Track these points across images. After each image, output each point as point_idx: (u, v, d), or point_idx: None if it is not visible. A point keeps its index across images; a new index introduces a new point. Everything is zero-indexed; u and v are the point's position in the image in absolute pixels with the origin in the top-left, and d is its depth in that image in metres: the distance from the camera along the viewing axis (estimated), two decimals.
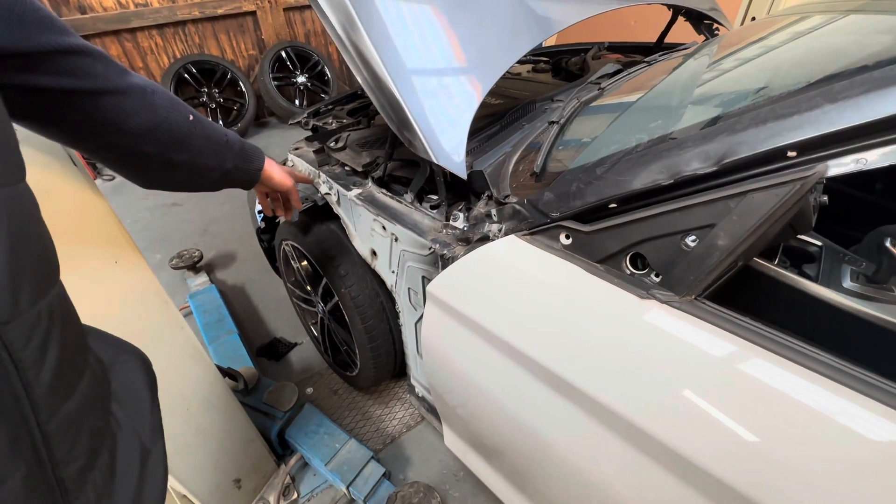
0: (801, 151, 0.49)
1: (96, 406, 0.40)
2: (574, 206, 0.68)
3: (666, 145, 0.61)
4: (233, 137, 0.77)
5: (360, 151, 1.34)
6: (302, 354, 1.97)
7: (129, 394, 0.48)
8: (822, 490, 0.46)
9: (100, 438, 0.39)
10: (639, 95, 0.96)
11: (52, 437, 0.32)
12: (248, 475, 1.37)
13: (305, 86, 4.24)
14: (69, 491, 0.34)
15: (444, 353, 0.93)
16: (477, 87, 1.02)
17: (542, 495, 0.90)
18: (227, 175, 0.76)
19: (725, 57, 0.92)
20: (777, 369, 0.51)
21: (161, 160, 0.65)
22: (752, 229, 0.52)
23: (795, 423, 0.49)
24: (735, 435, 0.51)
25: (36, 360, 0.30)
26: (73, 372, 0.36)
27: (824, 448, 0.47)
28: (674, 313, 0.58)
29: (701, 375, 0.55)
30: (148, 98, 0.60)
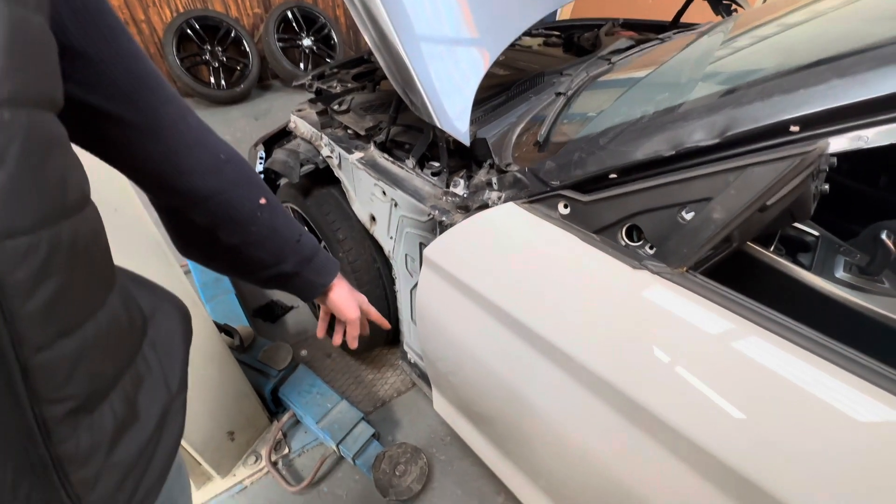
0: (804, 126, 0.49)
1: (109, 351, 0.37)
2: (575, 175, 0.69)
3: (670, 117, 0.61)
4: (307, 241, 0.64)
5: (363, 115, 1.32)
6: (297, 318, 1.99)
7: (165, 342, 0.46)
8: (800, 458, 0.48)
9: (107, 384, 0.37)
10: (649, 71, 0.95)
11: (34, 372, 0.30)
12: (242, 429, 1.41)
13: (311, 49, 4.14)
14: (52, 432, 0.32)
15: (438, 317, 0.94)
16: (485, 54, 1.01)
17: (526, 460, 0.93)
18: (283, 277, 0.64)
19: (739, 35, 0.90)
20: (763, 343, 0.52)
21: (208, 235, 0.55)
22: (748, 204, 0.53)
23: (778, 397, 0.50)
24: (720, 406, 0.52)
25: (25, 288, 0.28)
26: (79, 310, 0.33)
27: (804, 420, 0.49)
28: (665, 284, 0.59)
29: (688, 345, 0.57)
30: (216, 163, 0.51)
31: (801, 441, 0.49)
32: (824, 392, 0.48)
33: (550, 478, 0.84)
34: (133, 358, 0.41)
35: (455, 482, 1.42)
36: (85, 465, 0.34)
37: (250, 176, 0.56)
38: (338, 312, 0.73)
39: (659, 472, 0.60)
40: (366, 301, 0.77)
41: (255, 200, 0.55)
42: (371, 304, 0.79)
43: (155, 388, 0.43)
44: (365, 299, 0.77)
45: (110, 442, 0.37)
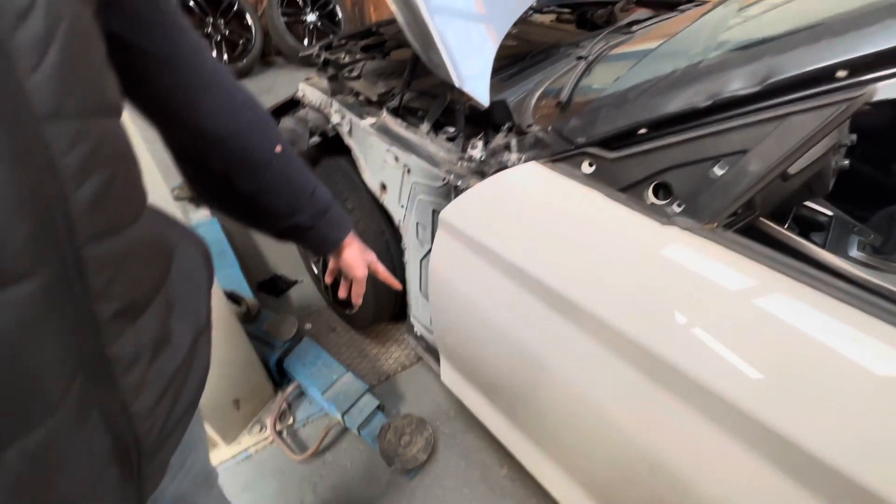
0: (852, 71, 0.48)
1: (147, 263, 0.38)
2: (602, 130, 0.67)
3: (706, 66, 0.59)
4: (322, 194, 0.64)
5: (375, 81, 1.30)
6: (301, 292, 1.98)
7: (191, 275, 0.47)
8: (833, 411, 0.48)
9: (146, 297, 0.38)
10: (673, 37, 0.92)
11: (86, 263, 0.30)
12: (247, 398, 1.41)
13: (315, 25, 4.06)
14: (101, 331, 0.32)
15: (453, 282, 0.93)
16: (505, 16, 0.98)
17: (539, 426, 0.93)
18: (297, 230, 0.64)
19: None
20: (801, 296, 0.51)
21: (224, 181, 0.55)
22: (788, 154, 0.51)
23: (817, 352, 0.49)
24: (754, 363, 0.51)
25: (77, 172, 0.29)
26: (120, 213, 0.34)
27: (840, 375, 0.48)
28: (695, 240, 0.58)
29: (722, 301, 0.56)
30: (233, 105, 0.51)
31: (838, 397, 0.48)
32: (867, 347, 0.47)
33: (566, 443, 0.84)
34: (164, 281, 0.41)
35: (459, 454, 1.42)
36: (130, 371, 0.35)
37: (266, 122, 0.55)
38: (347, 269, 0.74)
39: (683, 431, 0.59)
40: (375, 259, 0.78)
41: (270, 147, 0.55)
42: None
43: (185, 316, 0.43)
44: (374, 257, 0.77)
45: (150, 355, 0.37)
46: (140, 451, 0.37)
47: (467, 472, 1.38)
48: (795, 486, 0.50)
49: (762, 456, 0.52)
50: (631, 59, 1.00)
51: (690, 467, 0.59)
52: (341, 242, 0.69)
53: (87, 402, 0.32)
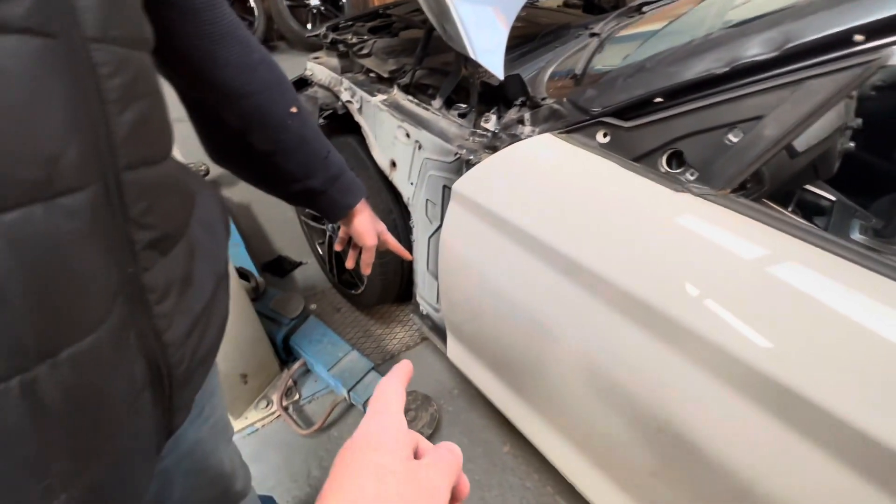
0: (869, 35, 0.49)
1: (175, 201, 0.40)
2: (619, 99, 0.68)
3: (726, 33, 0.60)
4: (335, 159, 0.64)
5: (386, 59, 1.30)
6: (306, 273, 1.99)
7: (210, 223, 0.48)
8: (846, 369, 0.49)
9: (175, 231, 0.39)
10: (686, 13, 0.93)
11: (126, 188, 0.31)
12: (255, 373, 1.43)
13: (319, 9, 4.03)
14: (138, 257, 0.34)
15: (464, 255, 0.94)
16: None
17: (547, 399, 0.95)
18: (310, 194, 0.64)
19: None
20: (812, 261, 0.53)
21: (239, 140, 0.55)
22: (805, 117, 0.53)
23: (833, 314, 0.51)
24: (765, 325, 0.53)
25: (120, 98, 0.30)
26: (154, 145, 0.35)
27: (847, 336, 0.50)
28: (708, 206, 0.60)
29: (733, 265, 0.57)
30: (250, 61, 0.51)
31: (849, 357, 0.50)
32: (880, 312, 0.49)
33: (575, 413, 0.86)
34: (188, 223, 0.42)
35: (462, 432, 1.45)
36: (163, 302, 0.36)
37: (282, 80, 0.56)
38: (357, 237, 0.74)
39: (695, 393, 0.61)
40: (385, 230, 0.78)
41: (286, 106, 0.56)
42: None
43: (206, 261, 0.45)
44: (384, 227, 0.78)
45: (179, 291, 0.39)
46: (172, 380, 0.39)
47: (471, 448, 1.40)
48: (802, 439, 0.52)
49: (773, 413, 0.54)
50: (643, 38, 1.00)
51: (702, 429, 0.61)
52: (352, 209, 0.69)
53: (127, 323, 0.33)
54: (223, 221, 0.53)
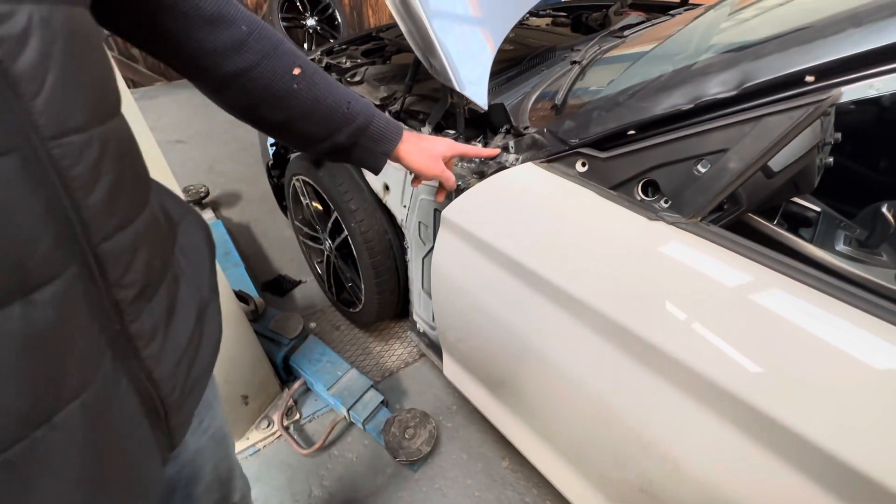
0: (818, 76, 0.52)
1: (155, 246, 0.41)
2: (594, 132, 0.71)
3: (689, 72, 0.63)
4: (358, 108, 0.60)
5: (377, 86, 1.34)
6: (305, 292, 2.02)
7: (193, 249, 0.49)
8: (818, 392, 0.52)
9: (157, 276, 0.41)
10: (661, 42, 0.97)
11: (104, 258, 0.33)
12: (255, 394, 1.45)
13: (315, 30, 4.11)
14: (124, 313, 0.36)
15: (455, 278, 0.97)
16: (502, 23, 1.03)
17: (539, 418, 0.97)
18: (340, 150, 0.61)
19: (752, 4, 0.93)
20: (776, 285, 0.56)
21: (249, 112, 0.55)
22: (764, 151, 0.56)
23: (791, 336, 0.54)
24: (744, 352, 0.55)
25: (86, 182, 0.31)
26: (128, 207, 0.37)
27: (821, 359, 0.52)
28: (680, 233, 0.63)
29: (705, 290, 0.60)
30: (237, 37, 0.49)
31: (819, 380, 0.52)
32: (840, 332, 0.52)
33: (565, 431, 0.88)
34: (170, 258, 0.45)
35: (461, 448, 1.46)
36: (150, 343, 0.39)
37: (277, 45, 0.52)
38: (419, 174, 0.72)
39: (675, 413, 0.63)
40: (446, 149, 0.72)
41: (287, 71, 0.53)
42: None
43: (190, 290, 0.46)
44: (444, 147, 0.72)
45: (165, 326, 0.41)
46: (166, 409, 0.42)
47: (470, 464, 1.42)
48: (780, 462, 0.54)
49: (745, 433, 0.56)
50: (623, 61, 1.04)
51: (681, 448, 0.63)
52: (389, 154, 0.66)
53: (118, 372, 0.36)
54: (206, 243, 0.54)
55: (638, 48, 1.08)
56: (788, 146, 0.93)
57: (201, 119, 3.35)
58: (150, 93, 3.76)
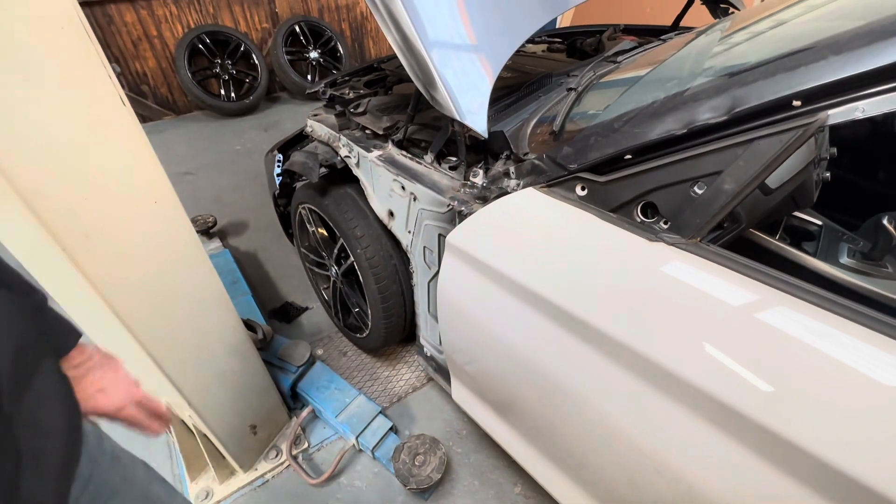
0: (805, 101, 0.54)
1: None
2: (592, 157, 0.74)
3: (681, 98, 0.66)
4: None
5: (380, 116, 1.38)
6: (312, 318, 2.03)
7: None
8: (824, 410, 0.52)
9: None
10: (654, 67, 1.00)
11: None
12: (263, 423, 1.45)
13: (318, 61, 4.25)
14: None
15: (460, 302, 0.98)
16: (499, 54, 1.07)
17: (550, 441, 0.96)
18: None
19: (741, 29, 0.96)
20: (778, 303, 0.56)
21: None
22: (757, 173, 0.57)
23: (797, 353, 0.54)
24: (749, 370, 0.56)
25: None
26: None
27: (825, 375, 0.53)
28: (680, 254, 0.64)
29: (706, 309, 0.61)
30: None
31: (824, 396, 0.52)
32: (843, 348, 0.52)
33: (576, 455, 0.87)
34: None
35: (472, 473, 1.44)
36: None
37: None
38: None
39: (682, 433, 0.63)
40: None
41: None
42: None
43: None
44: None
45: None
46: None
47: (482, 490, 1.39)
48: (793, 482, 0.54)
49: (755, 452, 0.56)
50: (617, 86, 1.08)
51: (694, 469, 0.63)
52: None
53: None
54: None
55: (632, 73, 1.12)
56: (783, 164, 0.94)
57: (209, 151, 3.43)
58: (159, 126, 3.87)
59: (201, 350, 1.13)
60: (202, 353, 1.13)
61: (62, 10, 0.69)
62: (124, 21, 3.49)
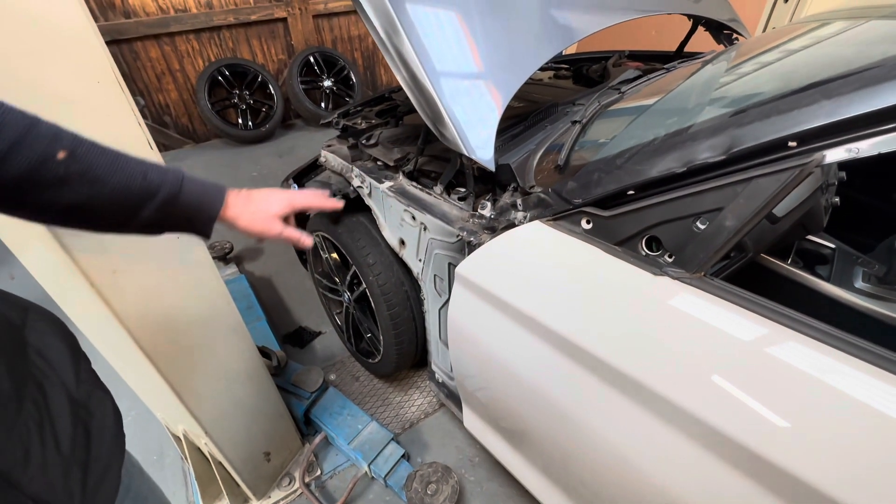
0: (800, 142, 0.56)
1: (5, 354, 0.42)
2: (595, 192, 0.76)
3: (680, 137, 0.68)
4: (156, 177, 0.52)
5: (391, 148, 1.43)
6: (325, 343, 2.06)
7: (49, 346, 0.49)
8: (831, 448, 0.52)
9: (13, 394, 0.41)
10: (656, 99, 1.03)
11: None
12: (277, 450, 1.46)
13: (331, 90, 4.39)
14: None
15: (470, 331, 1.00)
16: (505, 90, 1.11)
17: (560, 471, 0.96)
18: (154, 225, 0.54)
19: (740, 64, 0.99)
20: (780, 337, 0.57)
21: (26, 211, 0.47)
22: (757, 211, 0.59)
23: (799, 388, 0.54)
24: (759, 406, 0.56)
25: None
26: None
27: (828, 411, 0.53)
28: (685, 288, 0.65)
29: (710, 344, 0.61)
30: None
31: (831, 432, 0.52)
32: (846, 383, 0.52)
33: (590, 490, 0.87)
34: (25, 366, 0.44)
35: (485, 502, 1.42)
36: (27, 468, 0.39)
37: (30, 131, 0.44)
38: (255, 236, 0.65)
39: (702, 472, 0.63)
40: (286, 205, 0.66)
41: (51, 157, 0.44)
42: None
43: (56, 388, 0.46)
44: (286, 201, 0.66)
45: (41, 442, 0.41)
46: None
47: None
48: None
49: (767, 490, 0.56)
50: (621, 116, 1.10)
51: (693, 495, 0.63)
52: (214, 219, 0.58)
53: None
54: (60, 335, 0.52)
55: (635, 103, 1.14)
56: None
57: (226, 177, 3.55)
58: (180, 154, 4.02)
59: (218, 379, 1.16)
60: (219, 381, 1.16)
61: (98, 65, 0.74)
62: (149, 56, 3.67)
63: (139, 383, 1.15)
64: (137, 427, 1.67)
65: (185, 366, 1.03)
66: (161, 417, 1.29)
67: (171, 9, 3.61)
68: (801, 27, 1.18)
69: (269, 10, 3.99)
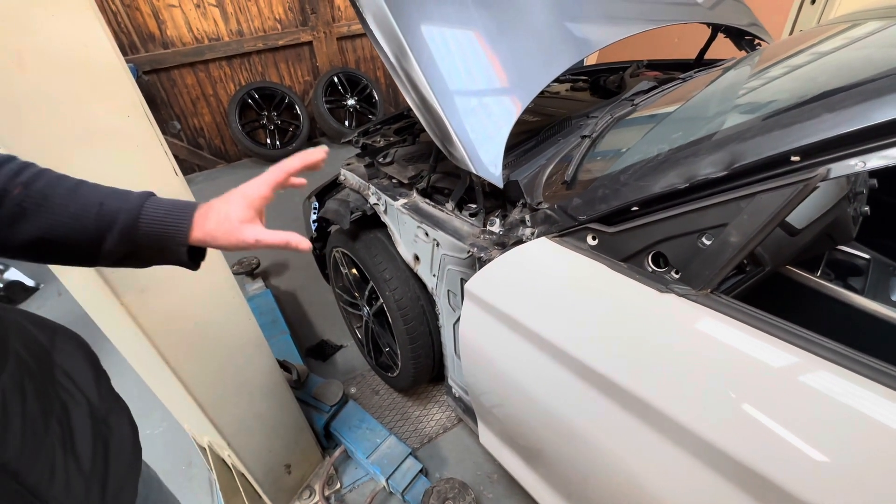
0: (803, 156, 0.54)
1: (28, 391, 0.44)
2: (600, 209, 0.75)
3: (682, 153, 0.67)
4: (113, 205, 0.49)
5: (406, 165, 1.46)
6: (346, 356, 2.09)
7: (74, 367, 0.52)
8: (835, 469, 0.50)
9: (40, 416, 0.43)
10: (666, 112, 1.02)
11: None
12: (298, 463, 1.49)
13: (355, 108, 4.52)
14: (16, 473, 0.39)
15: (480, 347, 1.00)
16: (514, 106, 1.12)
17: (574, 488, 0.94)
18: (120, 256, 0.50)
19: (756, 74, 0.97)
20: (786, 355, 0.55)
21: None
22: (761, 227, 0.57)
23: (806, 407, 0.53)
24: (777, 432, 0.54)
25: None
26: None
27: (834, 432, 0.51)
28: (691, 305, 0.64)
29: (718, 363, 0.60)
30: None
31: (837, 452, 0.50)
32: (854, 400, 0.50)
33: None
34: (52, 388, 0.47)
35: None
36: (52, 485, 0.42)
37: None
38: (238, 249, 0.54)
39: (715, 494, 0.61)
40: (244, 205, 0.54)
41: (6, 192, 0.44)
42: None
43: (80, 409, 0.49)
44: (242, 202, 0.55)
45: (64, 460, 0.44)
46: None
47: None
48: None
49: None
50: (631, 130, 1.09)
51: None
52: (184, 247, 0.51)
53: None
54: (84, 355, 0.55)
55: (647, 115, 1.13)
56: (810, 203, 0.92)
57: None
58: (213, 174, 4.21)
59: (240, 392, 1.20)
60: (241, 395, 1.20)
61: (129, 102, 0.81)
62: (185, 83, 3.89)
63: (167, 395, 1.21)
64: (168, 437, 1.74)
65: (208, 380, 1.08)
66: (188, 429, 1.35)
67: (205, 38, 3.82)
68: (827, 29, 1.14)
69: (295, 35, 4.16)
